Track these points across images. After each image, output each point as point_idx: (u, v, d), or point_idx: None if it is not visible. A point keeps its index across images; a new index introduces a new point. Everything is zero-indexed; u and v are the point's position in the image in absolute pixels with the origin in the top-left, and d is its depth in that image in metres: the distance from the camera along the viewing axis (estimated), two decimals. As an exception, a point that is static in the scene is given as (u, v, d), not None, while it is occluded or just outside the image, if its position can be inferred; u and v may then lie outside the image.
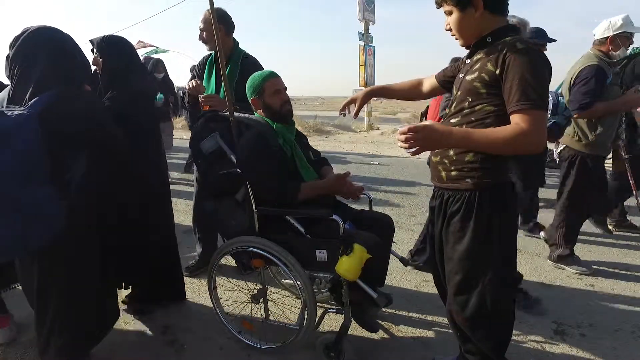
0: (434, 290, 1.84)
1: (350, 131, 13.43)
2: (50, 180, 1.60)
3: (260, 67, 3.07)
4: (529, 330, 2.31)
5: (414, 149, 1.36)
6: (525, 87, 1.33)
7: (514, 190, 1.59)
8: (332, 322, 2.38)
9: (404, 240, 3.66)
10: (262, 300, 2.17)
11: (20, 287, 2.03)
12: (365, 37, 13.52)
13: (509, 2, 1.49)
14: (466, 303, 1.59)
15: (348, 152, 9.59)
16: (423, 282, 2.88)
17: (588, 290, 2.79)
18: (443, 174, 1.58)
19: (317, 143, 10.41)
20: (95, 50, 2.20)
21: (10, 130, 1.50)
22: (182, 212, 4.76)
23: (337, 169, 2.35)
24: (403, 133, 1.36)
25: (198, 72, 2.96)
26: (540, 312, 2.47)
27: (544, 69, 1.38)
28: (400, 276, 2.97)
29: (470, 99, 1.49)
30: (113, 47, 2.22)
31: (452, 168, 1.54)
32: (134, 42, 3.49)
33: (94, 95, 1.89)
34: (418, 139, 1.35)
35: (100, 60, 2.19)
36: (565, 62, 3.36)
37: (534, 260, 3.24)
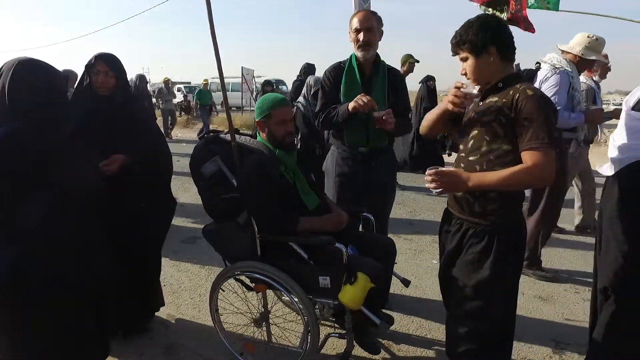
0: (433, 306, 1.87)
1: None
2: None
3: (404, 82, 2.69)
4: (528, 349, 2.34)
5: (439, 190, 1.59)
6: (535, 128, 1.46)
7: (525, 232, 1.72)
8: (334, 341, 2.39)
9: (402, 250, 3.66)
10: (264, 323, 2.17)
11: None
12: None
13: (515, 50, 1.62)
14: (476, 328, 1.66)
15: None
16: (422, 298, 2.89)
17: (586, 304, 2.82)
18: (466, 208, 1.68)
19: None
20: (110, 67, 2.15)
21: None
22: (180, 220, 4.71)
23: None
24: (430, 175, 1.58)
25: (330, 82, 2.50)
26: None
27: (550, 112, 1.51)
28: (400, 291, 2.98)
29: (487, 139, 1.60)
30: (121, 64, 2.24)
31: (476, 204, 1.65)
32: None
33: (58, 132, 1.67)
34: (443, 182, 1.57)
35: (114, 79, 2.16)
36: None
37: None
